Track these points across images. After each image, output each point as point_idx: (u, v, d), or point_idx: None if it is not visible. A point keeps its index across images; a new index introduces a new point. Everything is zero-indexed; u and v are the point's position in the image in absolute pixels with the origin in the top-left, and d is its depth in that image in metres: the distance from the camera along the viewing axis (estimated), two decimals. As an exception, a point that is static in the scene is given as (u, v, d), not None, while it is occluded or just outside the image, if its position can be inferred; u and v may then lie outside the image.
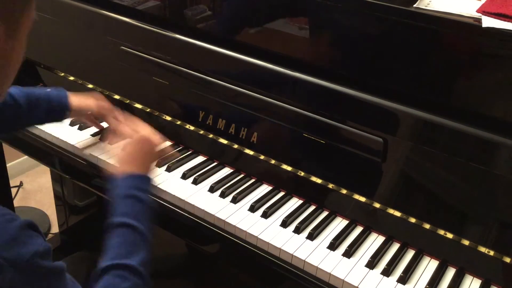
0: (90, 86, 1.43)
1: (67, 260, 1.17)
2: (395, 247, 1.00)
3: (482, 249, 0.93)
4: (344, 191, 1.06)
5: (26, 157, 2.26)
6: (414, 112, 0.97)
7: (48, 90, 1.17)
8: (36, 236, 0.68)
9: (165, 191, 1.10)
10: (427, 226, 0.98)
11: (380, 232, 1.03)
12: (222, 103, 1.20)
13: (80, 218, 1.93)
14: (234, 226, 1.02)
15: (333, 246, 0.98)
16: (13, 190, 2.30)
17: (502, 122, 0.93)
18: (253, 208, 1.06)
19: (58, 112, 1.16)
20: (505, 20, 0.90)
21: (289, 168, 1.12)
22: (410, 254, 0.98)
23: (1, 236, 0.63)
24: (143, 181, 0.95)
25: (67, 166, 1.28)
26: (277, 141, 1.15)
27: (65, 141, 1.26)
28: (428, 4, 0.99)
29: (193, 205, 1.06)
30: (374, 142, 1.01)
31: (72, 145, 1.25)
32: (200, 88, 1.23)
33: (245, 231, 1.01)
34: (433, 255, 0.98)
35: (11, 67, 0.71)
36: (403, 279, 0.92)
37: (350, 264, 0.95)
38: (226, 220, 1.03)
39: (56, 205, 1.96)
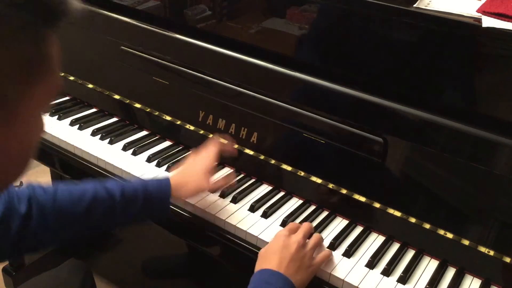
0: (90, 86, 1.43)
1: (65, 265, 1.17)
2: (395, 247, 1.00)
3: (482, 249, 0.92)
4: (344, 191, 1.06)
5: (26, 157, 2.26)
6: (414, 112, 0.97)
7: (148, 180, 1.00)
8: None
9: (165, 191, 1.10)
10: (427, 226, 0.98)
11: (380, 232, 1.03)
12: (222, 103, 1.20)
13: (80, 218, 1.93)
14: (234, 226, 1.02)
15: (333, 246, 0.98)
16: (13, 190, 2.29)
17: (502, 122, 0.93)
18: (253, 208, 1.06)
19: (156, 210, 0.99)
20: (505, 20, 0.90)
21: (289, 168, 1.12)
22: (410, 254, 0.98)
23: None
24: (274, 276, 0.85)
25: (67, 166, 1.28)
26: (277, 141, 1.15)
27: (65, 141, 1.26)
28: (428, 4, 0.99)
29: (193, 205, 1.06)
30: (374, 142, 1.01)
31: (72, 145, 1.25)
32: (200, 88, 1.23)
33: (245, 231, 1.01)
34: (433, 255, 0.98)
35: (9, 161, 0.55)
36: (403, 279, 0.92)
37: (350, 264, 0.95)
38: (226, 220, 1.03)
39: (56, 205, 1.96)
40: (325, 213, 1.07)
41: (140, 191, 0.95)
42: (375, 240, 1.01)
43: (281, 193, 1.12)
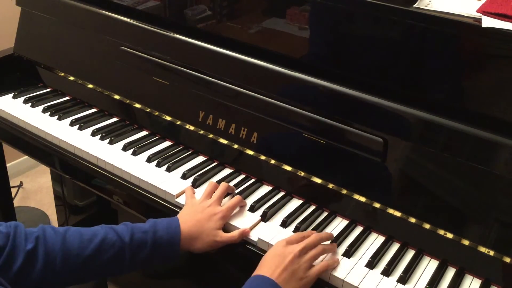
0: (90, 86, 1.43)
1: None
2: (395, 247, 1.00)
3: (482, 249, 0.92)
4: (344, 191, 1.06)
5: (26, 157, 2.27)
6: (414, 112, 0.97)
7: (157, 223, 0.97)
8: None
9: (165, 191, 1.10)
10: (427, 226, 0.98)
11: (380, 232, 1.03)
12: (222, 103, 1.20)
13: (80, 218, 1.93)
14: (235, 226, 1.02)
15: (333, 246, 0.98)
16: (13, 190, 2.30)
17: (502, 122, 0.93)
18: (253, 208, 1.06)
19: (165, 254, 0.96)
20: (505, 20, 0.90)
21: (289, 168, 1.12)
22: (410, 254, 0.98)
23: None
24: (265, 283, 0.86)
25: (67, 166, 1.28)
26: (277, 141, 1.15)
27: (65, 141, 1.26)
28: (428, 4, 0.99)
29: (193, 205, 1.06)
30: (374, 142, 1.01)
31: (72, 145, 1.25)
32: (200, 88, 1.23)
33: (245, 231, 1.01)
34: (433, 255, 0.98)
35: None
36: (403, 279, 0.92)
37: (350, 264, 0.95)
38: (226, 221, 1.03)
39: (56, 205, 1.96)
40: (325, 214, 1.07)
41: (149, 234, 0.94)
42: (375, 240, 1.01)
43: (281, 193, 1.12)
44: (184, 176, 1.14)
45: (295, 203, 1.10)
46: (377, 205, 1.02)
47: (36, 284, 0.85)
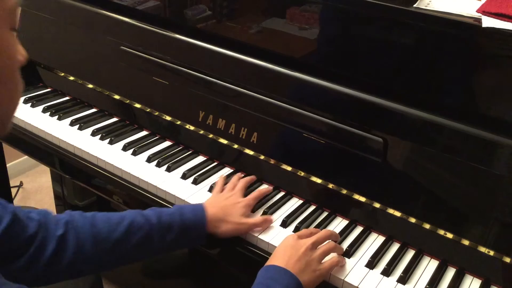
0: (90, 86, 1.43)
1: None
2: (395, 247, 1.00)
3: (482, 249, 0.92)
4: (344, 191, 1.06)
5: (26, 157, 2.27)
6: (414, 112, 0.97)
7: (182, 207, 0.99)
8: None
9: (165, 191, 1.10)
10: (427, 226, 0.98)
11: (380, 232, 1.03)
12: (222, 103, 1.20)
13: (80, 218, 1.93)
14: (234, 226, 1.02)
15: (333, 246, 0.98)
16: (13, 190, 2.30)
17: (502, 122, 0.93)
18: (253, 208, 1.06)
19: (193, 236, 0.98)
20: (505, 20, 0.90)
21: (289, 168, 1.12)
22: (410, 254, 0.98)
23: None
24: (280, 273, 0.86)
25: (67, 166, 1.28)
26: (277, 141, 1.15)
27: (65, 141, 1.26)
28: (428, 4, 0.99)
29: (193, 205, 1.06)
30: (374, 142, 1.01)
31: (72, 145, 1.25)
32: (200, 88, 1.23)
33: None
34: (433, 255, 0.98)
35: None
36: (403, 279, 0.92)
37: (350, 264, 0.95)
38: (226, 220, 1.03)
39: (56, 205, 1.96)
40: (325, 213, 1.07)
41: (176, 216, 0.95)
42: (375, 240, 1.01)
43: (281, 193, 1.12)
44: (184, 176, 1.14)
45: (295, 203, 1.10)
46: (377, 205, 1.02)
47: (66, 270, 0.86)
